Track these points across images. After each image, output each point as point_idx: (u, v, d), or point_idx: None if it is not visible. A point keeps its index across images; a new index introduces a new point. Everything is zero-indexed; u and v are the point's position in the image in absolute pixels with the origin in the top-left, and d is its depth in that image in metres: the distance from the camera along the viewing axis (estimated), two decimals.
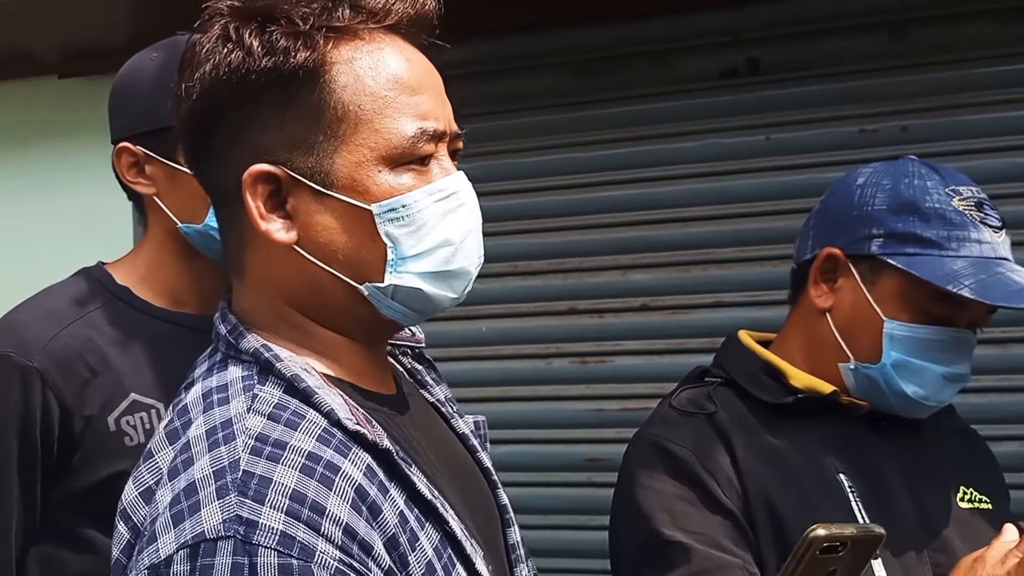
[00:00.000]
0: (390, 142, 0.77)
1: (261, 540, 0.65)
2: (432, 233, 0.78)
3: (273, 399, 0.74)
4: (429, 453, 0.84)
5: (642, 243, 2.43)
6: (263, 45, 0.75)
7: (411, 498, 0.75)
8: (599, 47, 2.45)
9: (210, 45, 0.77)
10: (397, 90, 0.78)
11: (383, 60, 0.78)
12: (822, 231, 1.21)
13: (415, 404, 0.90)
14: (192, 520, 0.67)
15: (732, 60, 2.39)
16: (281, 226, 0.77)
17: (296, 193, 0.77)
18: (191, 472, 0.70)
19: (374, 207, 0.77)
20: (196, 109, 0.78)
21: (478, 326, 2.49)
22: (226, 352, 0.80)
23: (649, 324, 2.41)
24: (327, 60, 0.77)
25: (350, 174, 0.77)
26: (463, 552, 0.77)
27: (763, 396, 1.20)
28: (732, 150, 2.38)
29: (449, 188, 0.80)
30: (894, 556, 1.12)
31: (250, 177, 0.76)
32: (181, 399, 0.79)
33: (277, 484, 0.67)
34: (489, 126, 2.47)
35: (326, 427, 0.73)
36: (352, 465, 0.71)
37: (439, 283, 0.80)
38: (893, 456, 1.19)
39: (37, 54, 2.73)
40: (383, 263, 0.78)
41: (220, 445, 0.70)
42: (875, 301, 1.15)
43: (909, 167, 1.19)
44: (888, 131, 2.27)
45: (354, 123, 0.77)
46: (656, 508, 1.12)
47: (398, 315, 0.81)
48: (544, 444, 2.45)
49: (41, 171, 2.82)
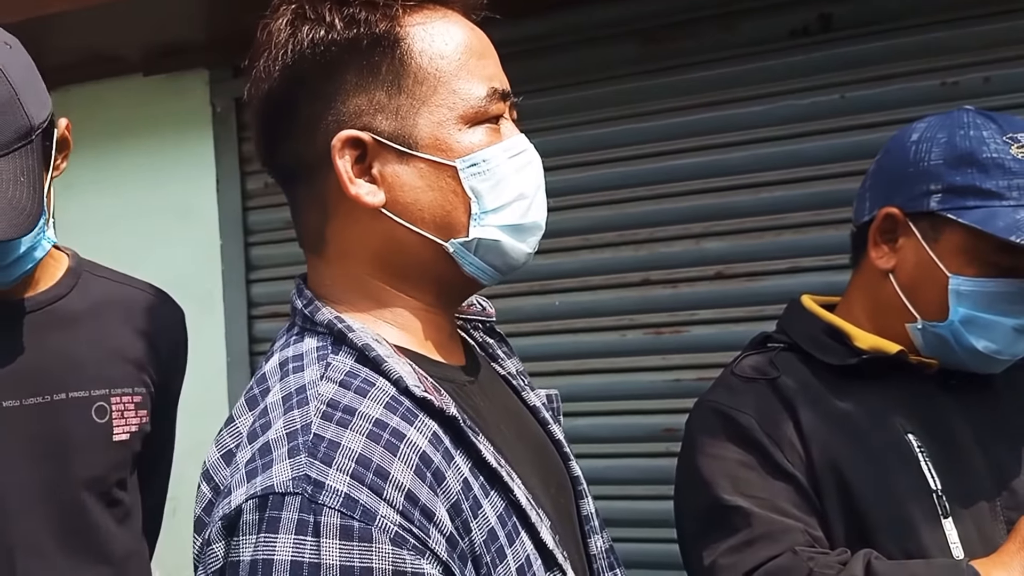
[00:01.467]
0: (467, 101, 0.81)
1: (326, 500, 0.67)
2: (509, 187, 0.82)
3: (345, 367, 0.76)
4: (499, 423, 0.86)
5: (714, 211, 2.39)
6: (343, 19, 0.79)
7: (476, 466, 0.77)
8: (663, 14, 2.41)
9: (288, 26, 0.80)
10: (467, 54, 0.82)
11: (451, 28, 0.83)
12: (879, 191, 1.18)
13: (486, 376, 0.92)
14: (264, 475, 0.69)
15: (802, 18, 2.32)
16: (370, 189, 0.80)
17: (381, 157, 0.80)
18: (267, 435, 0.73)
19: (458, 162, 0.80)
20: (276, 88, 0.81)
21: (551, 300, 2.50)
22: (302, 325, 0.83)
23: (724, 292, 2.38)
24: (404, 27, 0.80)
25: (432, 133, 0.80)
26: (528, 521, 0.78)
27: (827, 359, 1.18)
28: (805, 111, 2.32)
29: (519, 146, 0.84)
30: (967, 515, 1.09)
31: (339, 142, 0.79)
32: (261, 368, 0.82)
33: (345, 448, 0.69)
34: (555, 100, 2.47)
35: (394, 395, 0.75)
36: (417, 432, 0.73)
37: (516, 235, 0.83)
38: (965, 414, 1.16)
39: (122, 54, 2.86)
40: (467, 218, 0.81)
41: (294, 409, 0.73)
42: (938, 258, 1.12)
43: (964, 118, 1.14)
44: (970, 83, 2.18)
45: (433, 85, 0.80)
46: (718, 474, 1.12)
47: (478, 271, 0.84)
48: (621, 415, 2.45)
49: (132, 163, 2.96)
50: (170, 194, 2.91)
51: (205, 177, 2.87)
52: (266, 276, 2.85)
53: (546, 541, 0.79)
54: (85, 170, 2.99)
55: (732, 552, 1.07)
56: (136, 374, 1.41)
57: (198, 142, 2.86)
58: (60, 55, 2.85)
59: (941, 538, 1.08)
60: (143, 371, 1.43)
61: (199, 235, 2.88)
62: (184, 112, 2.89)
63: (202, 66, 2.85)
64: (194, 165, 2.88)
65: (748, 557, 1.06)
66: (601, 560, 0.95)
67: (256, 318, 2.86)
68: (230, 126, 2.83)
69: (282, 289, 2.82)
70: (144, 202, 2.94)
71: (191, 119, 2.87)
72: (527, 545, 0.78)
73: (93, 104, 2.97)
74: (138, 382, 1.41)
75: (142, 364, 1.42)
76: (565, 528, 0.88)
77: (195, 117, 2.87)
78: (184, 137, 2.89)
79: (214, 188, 2.86)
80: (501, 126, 0.84)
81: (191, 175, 2.89)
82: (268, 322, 2.85)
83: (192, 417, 2.85)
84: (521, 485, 0.80)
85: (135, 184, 2.95)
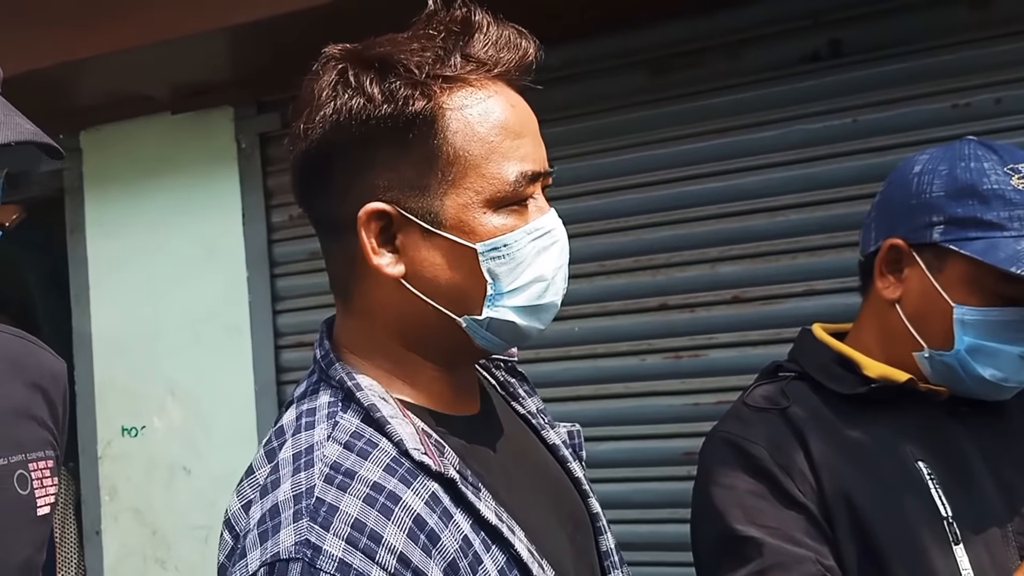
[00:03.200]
0: (494, 186, 0.82)
1: (323, 565, 0.71)
2: (528, 270, 0.83)
3: (351, 427, 0.80)
4: (511, 469, 0.88)
5: (730, 235, 2.42)
6: (383, 92, 0.80)
7: (477, 523, 0.79)
8: (674, 43, 2.45)
9: (329, 89, 0.82)
10: (502, 136, 0.83)
11: (490, 107, 0.83)
12: (883, 222, 1.20)
13: (501, 419, 0.94)
14: (272, 540, 0.74)
15: (813, 44, 2.35)
16: (391, 260, 0.83)
17: (406, 230, 0.82)
18: (276, 493, 0.77)
19: (479, 246, 0.82)
20: (314, 149, 0.83)
21: (570, 326, 2.54)
22: (319, 376, 0.87)
23: (741, 316, 2.40)
24: (441, 107, 0.81)
25: (457, 215, 0.82)
26: (530, 573, 0.80)
27: (837, 387, 1.19)
28: (818, 135, 2.34)
29: (545, 227, 0.85)
30: (978, 541, 1.10)
31: (365, 215, 0.82)
32: (280, 419, 0.86)
33: (342, 513, 0.74)
34: (569, 129, 2.51)
35: (395, 456, 0.78)
36: (414, 495, 0.76)
37: (530, 316, 0.85)
38: (975, 440, 1.16)
39: (151, 94, 2.94)
40: (482, 298, 0.83)
41: (301, 471, 0.78)
42: (943, 288, 1.13)
43: (965, 149, 1.16)
44: (981, 104, 2.19)
45: (463, 167, 0.81)
46: (730, 504, 1.13)
47: (489, 344, 0.87)
48: (641, 440, 2.47)
49: (161, 198, 3.03)
50: (198, 228, 2.98)
51: (231, 211, 2.94)
52: (292, 307, 2.90)
53: None
54: (116, 206, 3.08)
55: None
56: (44, 435, 1.21)
57: (224, 177, 2.94)
58: (91, 96, 2.94)
59: (953, 565, 1.08)
60: (48, 432, 1.22)
61: (227, 268, 2.94)
62: (210, 148, 2.96)
63: (227, 103, 2.93)
64: (221, 200, 2.95)
65: None
66: None
67: (283, 347, 2.91)
68: (255, 161, 2.90)
69: (307, 319, 2.87)
70: (173, 236, 3.01)
71: (217, 155, 2.95)
72: None
73: (124, 142, 3.06)
74: (47, 444, 1.21)
75: (46, 424, 1.22)
76: (582, 566, 0.90)
77: (221, 153, 2.94)
78: (211, 173, 2.96)
79: (240, 222, 2.93)
80: (529, 206, 0.84)
81: (218, 209, 2.96)
82: (294, 351, 2.90)
83: (222, 445, 2.94)
84: (523, 538, 0.82)
85: (164, 219, 3.02)
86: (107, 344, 3.09)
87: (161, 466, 3.01)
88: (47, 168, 3.12)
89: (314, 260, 2.86)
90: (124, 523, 3.04)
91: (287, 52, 2.55)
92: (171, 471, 2.99)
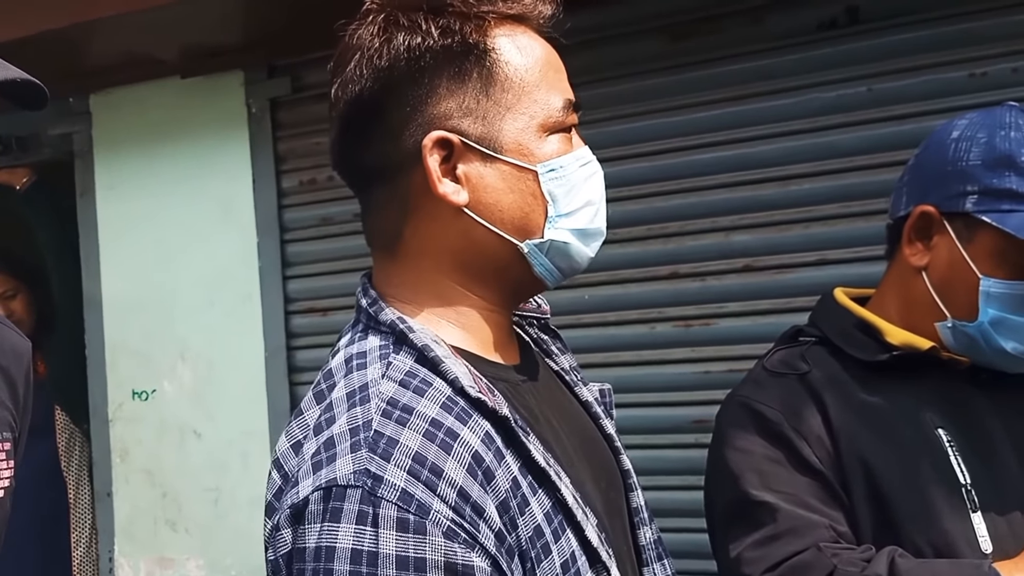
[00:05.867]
0: (546, 111, 0.86)
1: (384, 494, 0.71)
2: (581, 194, 0.87)
3: (405, 367, 0.81)
4: (551, 420, 0.89)
5: (743, 204, 2.40)
6: (438, 27, 0.83)
7: (525, 465, 0.80)
8: (692, 9, 2.42)
9: (381, 34, 0.84)
10: (547, 67, 0.88)
11: (532, 42, 0.88)
12: (916, 188, 1.18)
13: (539, 373, 0.95)
14: (328, 468, 0.74)
15: (830, 11, 2.33)
16: (454, 189, 0.84)
17: (466, 158, 0.84)
18: (331, 429, 0.77)
19: (539, 167, 0.85)
20: (367, 91, 0.84)
21: (580, 294, 2.54)
22: (366, 323, 0.87)
23: (752, 285, 2.40)
24: (493, 39, 0.85)
25: (516, 139, 0.85)
26: (574, 519, 0.81)
27: (858, 354, 1.18)
28: (833, 104, 2.32)
29: (587, 156, 0.90)
30: (997, 510, 1.10)
31: (430, 142, 0.83)
32: (328, 364, 0.86)
33: (402, 445, 0.74)
34: (584, 95, 2.49)
35: (450, 395, 0.79)
36: (471, 432, 0.77)
37: (583, 240, 0.88)
38: (996, 410, 1.16)
39: (161, 57, 2.92)
40: (543, 220, 0.86)
41: (357, 406, 0.78)
42: (971, 259, 1.12)
43: (1006, 117, 1.14)
44: (999, 73, 2.17)
45: (517, 94, 0.85)
46: (745, 468, 1.14)
47: (546, 272, 0.88)
48: (651, 407, 2.48)
49: (172, 163, 3.02)
50: (208, 193, 2.97)
51: (242, 177, 2.93)
52: (301, 272, 2.90)
53: (590, 538, 0.82)
54: (127, 169, 3.07)
55: (757, 546, 1.09)
56: (3, 416, 1.14)
57: (234, 142, 2.92)
58: (103, 58, 2.92)
59: (969, 531, 1.08)
60: (7, 411, 1.16)
61: (237, 233, 2.94)
62: (221, 113, 2.95)
63: (238, 67, 2.91)
64: (231, 164, 2.94)
65: (773, 552, 1.08)
66: (650, 551, 0.99)
67: (292, 313, 2.92)
68: (265, 126, 2.89)
69: (317, 285, 2.87)
70: (183, 201, 3.00)
71: (227, 119, 2.93)
72: (572, 542, 0.81)
73: (134, 105, 3.04)
74: (5, 426, 1.14)
75: (5, 404, 1.16)
76: (614, 521, 0.91)
77: (231, 118, 2.92)
78: (221, 137, 2.95)
79: (250, 187, 2.92)
80: (573, 135, 0.89)
81: (228, 174, 2.95)
82: (304, 317, 2.91)
83: (232, 409, 2.96)
84: (568, 484, 0.83)
85: (174, 184, 3.01)
86: (117, 307, 3.09)
87: (172, 429, 3.02)
88: (55, 132, 3.12)
89: (324, 226, 2.85)
90: (135, 485, 3.06)
91: (301, 15, 2.54)
92: (182, 434, 3.01)
